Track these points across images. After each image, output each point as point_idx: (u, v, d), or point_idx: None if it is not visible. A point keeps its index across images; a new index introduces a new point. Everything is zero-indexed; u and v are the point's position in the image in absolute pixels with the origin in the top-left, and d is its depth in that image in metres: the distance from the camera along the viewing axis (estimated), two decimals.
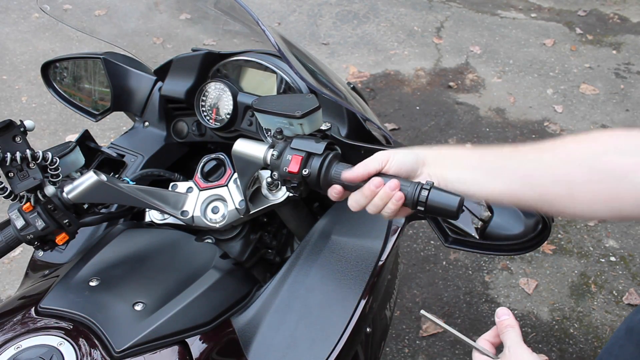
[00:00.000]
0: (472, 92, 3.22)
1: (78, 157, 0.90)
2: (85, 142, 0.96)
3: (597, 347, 1.93)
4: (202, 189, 0.98)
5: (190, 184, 0.99)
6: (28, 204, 0.79)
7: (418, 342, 1.96)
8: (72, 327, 0.73)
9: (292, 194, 0.93)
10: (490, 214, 0.94)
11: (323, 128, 0.88)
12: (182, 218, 0.96)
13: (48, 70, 1.31)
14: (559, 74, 3.34)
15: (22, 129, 0.77)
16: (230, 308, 0.86)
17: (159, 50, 1.35)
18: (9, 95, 3.23)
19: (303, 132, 0.81)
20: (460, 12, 4.00)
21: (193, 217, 0.96)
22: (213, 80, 1.13)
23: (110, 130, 2.93)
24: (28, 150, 0.76)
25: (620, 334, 1.16)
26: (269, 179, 0.96)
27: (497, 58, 3.50)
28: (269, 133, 1.08)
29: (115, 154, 1.07)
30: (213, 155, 1.01)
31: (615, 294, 2.11)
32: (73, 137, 2.70)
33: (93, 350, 0.71)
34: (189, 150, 1.26)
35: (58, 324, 0.74)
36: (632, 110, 3.05)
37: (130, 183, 0.99)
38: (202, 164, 1.00)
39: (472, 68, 3.42)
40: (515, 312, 2.05)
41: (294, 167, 0.76)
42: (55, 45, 3.66)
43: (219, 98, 1.13)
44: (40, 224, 0.79)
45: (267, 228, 1.15)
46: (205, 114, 1.15)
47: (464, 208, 0.90)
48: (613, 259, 2.24)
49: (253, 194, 0.96)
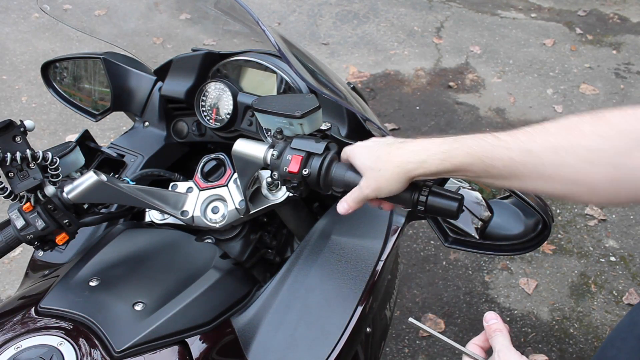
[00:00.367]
0: (472, 92, 3.22)
1: (78, 157, 0.90)
2: (85, 142, 0.96)
3: (597, 347, 1.93)
4: (202, 189, 0.98)
5: (190, 184, 0.99)
6: (28, 204, 0.79)
7: (418, 342, 1.96)
8: (72, 327, 0.73)
9: (292, 194, 0.93)
10: (490, 214, 0.94)
11: (323, 128, 0.88)
12: (182, 218, 0.96)
13: (48, 70, 1.31)
14: (559, 74, 3.34)
15: (22, 129, 0.77)
16: (230, 308, 0.86)
17: (159, 50, 1.35)
18: (9, 95, 3.23)
19: (303, 132, 0.81)
20: (460, 12, 4.00)
21: (193, 217, 0.96)
22: (213, 80, 1.13)
23: (110, 130, 2.93)
24: (28, 150, 0.76)
25: (623, 327, 1.14)
26: (269, 179, 0.96)
27: (497, 58, 3.50)
28: (269, 133, 1.08)
29: (115, 154, 1.07)
30: (213, 155, 1.01)
31: (615, 294, 2.11)
32: (73, 137, 2.70)
33: (93, 350, 0.71)
34: (189, 150, 1.26)
35: (58, 324, 0.74)
36: None
37: (130, 183, 0.99)
38: (202, 164, 1.00)
39: (472, 68, 3.42)
40: (515, 312, 2.05)
41: (294, 167, 0.76)
42: (55, 45, 3.66)
43: (219, 98, 1.13)
44: (40, 224, 0.79)
45: (267, 228, 1.14)
46: (205, 114, 1.15)
47: (464, 208, 0.90)
48: (613, 259, 2.24)
49: (253, 194, 0.96)
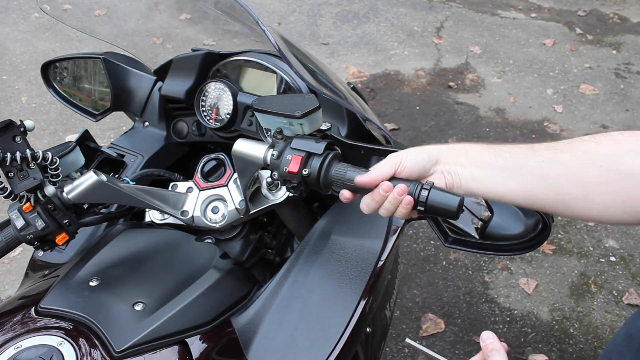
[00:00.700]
0: (472, 92, 3.22)
1: (78, 157, 0.90)
2: (85, 142, 0.96)
3: (597, 347, 1.93)
4: (202, 189, 0.98)
5: (190, 184, 0.99)
6: (28, 204, 0.79)
7: (418, 342, 1.96)
8: (72, 327, 0.73)
9: (292, 194, 0.93)
10: (490, 214, 0.94)
11: (323, 128, 0.88)
12: (182, 218, 0.96)
13: (48, 70, 1.31)
14: (559, 74, 3.34)
15: (22, 129, 0.77)
16: (230, 308, 0.86)
17: (159, 50, 1.35)
18: (9, 95, 3.23)
19: (303, 132, 0.81)
20: (460, 12, 4.00)
21: (193, 217, 0.96)
22: (213, 80, 1.13)
23: (110, 130, 2.94)
24: (28, 150, 0.76)
25: (619, 340, 1.13)
26: (269, 179, 0.96)
27: (497, 58, 3.50)
28: (269, 133, 1.08)
29: (115, 154, 1.07)
30: (213, 155, 1.01)
31: (615, 294, 2.11)
32: (73, 137, 2.70)
33: (93, 350, 0.71)
34: (189, 150, 1.26)
35: (58, 324, 0.74)
36: (632, 110, 3.05)
37: (130, 183, 0.99)
38: (202, 164, 1.00)
39: (472, 68, 3.42)
40: (515, 312, 2.05)
41: (294, 167, 0.76)
42: (55, 45, 3.66)
43: (219, 98, 1.13)
44: (40, 224, 0.79)
45: (267, 228, 1.14)
46: (205, 114, 1.15)
47: (464, 208, 0.90)
48: (613, 259, 2.24)
49: (253, 194, 0.96)
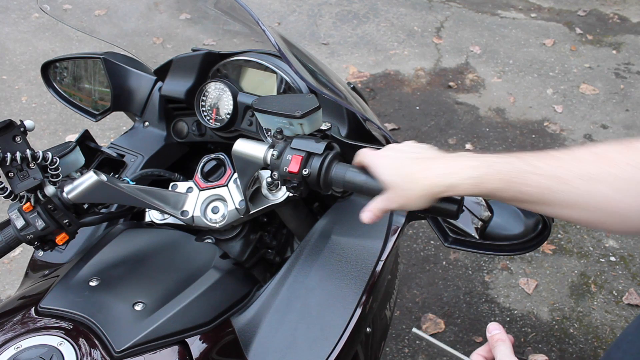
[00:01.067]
0: (472, 92, 3.22)
1: (78, 157, 0.90)
2: (85, 142, 0.96)
3: (597, 347, 1.93)
4: (202, 189, 0.98)
5: (190, 184, 0.99)
6: (28, 204, 0.78)
7: (418, 342, 1.96)
8: (72, 327, 0.73)
9: (292, 194, 0.93)
10: (490, 214, 0.94)
11: (323, 128, 0.88)
12: (182, 218, 0.96)
13: (48, 70, 1.31)
14: (559, 74, 3.34)
15: (22, 129, 0.77)
16: (230, 308, 0.86)
17: (159, 50, 1.35)
18: (9, 95, 3.23)
19: (303, 132, 0.81)
20: (460, 12, 4.00)
21: (193, 217, 0.96)
22: (213, 80, 1.13)
23: (110, 130, 2.94)
24: (28, 150, 0.76)
25: (631, 330, 1.15)
26: (269, 179, 0.96)
27: (497, 58, 3.50)
28: (269, 133, 1.08)
29: (115, 154, 1.07)
30: (213, 155, 1.00)
31: (615, 294, 2.11)
32: (73, 137, 2.70)
33: (93, 350, 0.71)
34: (189, 150, 1.26)
35: (58, 324, 0.74)
36: (632, 110, 3.05)
37: (130, 183, 0.99)
38: (202, 164, 1.00)
39: (472, 68, 3.42)
40: (515, 312, 2.05)
41: (294, 167, 0.76)
42: (55, 45, 3.66)
43: (219, 98, 1.13)
44: (40, 224, 0.79)
45: (267, 228, 1.14)
46: (205, 114, 1.15)
47: (464, 208, 0.90)
48: (613, 259, 2.24)
49: (253, 194, 0.96)
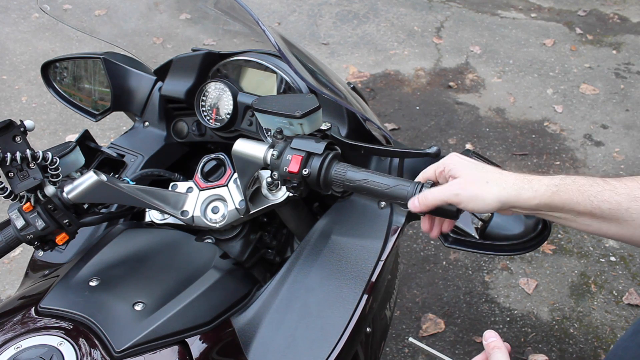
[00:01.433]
0: (472, 92, 3.22)
1: (78, 157, 0.90)
2: (85, 142, 0.96)
3: (597, 347, 1.93)
4: (202, 189, 0.98)
5: (190, 184, 0.99)
6: (28, 204, 0.79)
7: (421, 341, 1.95)
8: (72, 327, 0.73)
9: (292, 194, 0.93)
10: (490, 214, 0.94)
11: (323, 128, 0.88)
12: (182, 218, 0.96)
13: (48, 70, 1.31)
14: (559, 74, 3.34)
15: (22, 129, 0.77)
16: (230, 308, 0.86)
17: (159, 50, 1.35)
18: (9, 95, 3.23)
19: (303, 132, 0.81)
20: (460, 12, 4.00)
21: (193, 217, 0.96)
22: (213, 80, 1.13)
23: (110, 130, 2.94)
24: (28, 150, 0.76)
25: (626, 336, 1.16)
26: (269, 179, 0.96)
27: (497, 58, 3.50)
28: (269, 133, 1.08)
29: (115, 154, 1.07)
30: (213, 155, 1.01)
31: (615, 294, 2.11)
32: (73, 137, 2.70)
33: (93, 350, 0.71)
34: (189, 150, 1.26)
35: (58, 324, 0.74)
36: (632, 110, 3.05)
37: (130, 183, 0.99)
38: (202, 164, 1.00)
39: (472, 68, 3.42)
40: (515, 312, 2.05)
41: (294, 167, 0.76)
42: (55, 45, 3.66)
43: (219, 98, 1.13)
44: (40, 224, 0.79)
45: (267, 228, 1.14)
46: (205, 114, 1.15)
47: None
48: (613, 259, 2.24)
49: (253, 194, 0.96)
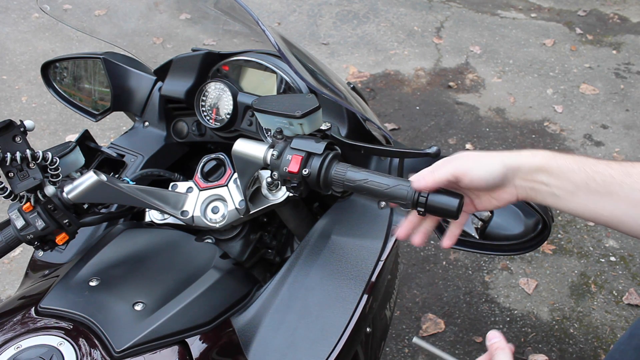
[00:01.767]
0: (472, 92, 3.22)
1: (78, 157, 0.90)
2: (85, 142, 0.96)
3: (597, 347, 1.93)
4: (202, 189, 0.98)
5: (190, 184, 0.99)
6: (28, 204, 0.79)
7: (417, 346, 1.95)
8: (72, 327, 0.73)
9: (292, 194, 0.93)
10: (490, 214, 0.94)
11: (323, 128, 0.88)
12: (182, 218, 0.96)
13: (48, 70, 1.31)
14: (559, 74, 3.34)
15: (22, 129, 0.77)
16: (230, 308, 0.86)
17: (159, 50, 1.35)
18: (9, 95, 3.23)
19: (303, 132, 0.81)
20: (460, 12, 4.00)
21: (193, 217, 0.96)
22: (213, 80, 1.13)
23: (110, 130, 2.94)
24: (28, 150, 0.76)
25: (623, 340, 1.17)
26: (269, 179, 0.96)
27: (497, 58, 3.50)
28: (269, 133, 1.08)
29: (115, 154, 1.07)
30: (213, 155, 1.01)
31: (615, 294, 2.11)
32: (73, 137, 2.70)
33: (93, 350, 0.71)
34: (189, 150, 1.26)
35: (58, 324, 0.74)
36: (632, 110, 3.05)
37: (130, 183, 0.99)
38: (202, 164, 1.00)
39: (472, 68, 3.42)
40: (515, 312, 2.05)
41: (294, 167, 0.76)
42: (55, 45, 3.66)
43: (219, 98, 1.13)
44: (40, 224, 0.79)
45: (267, 228, 1.14)
46: (205, 114, 1.15)
47: None
48: (613, 259, 2.24)
49: (253, 194, 0.96)
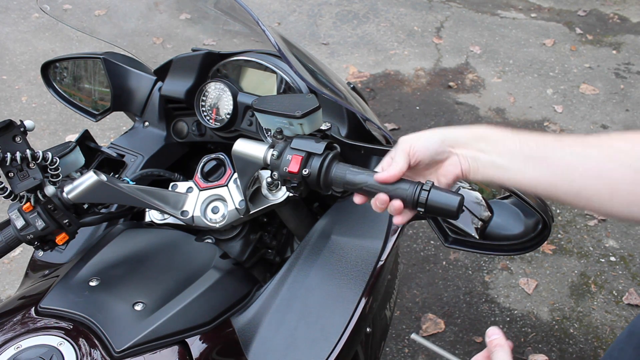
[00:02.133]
0: (472, 92, 3.22)
1: (78, 157, 0.90)
2: (85, 142, 0.96)
3: (597, 347, 1.93)
4: (202, 189, 0.98)
5: (190, 184, 0.99)
6: (28, 204, 0.79)
7: (417, 342, 1.95)
8: (72, 327, 0.73)
9: (292, 194, 0.93)
10: (490, 214, 0.94)
11: (323, 128, 0.88)
12: (182, 218, 0.96)
13: (48, 70, 1.31)
14: (559, 74, 3.34)
15: (22, 129, 0.77)
16: (230, 308, 0.86)
17: (159, 50, 1.35)
18: (9, 95, 3.23)
19: (303, 132, 0.81)
20: (460, 12, 4.00)
21: (193, 217, 0.96)
22: (213, 80, 1.13)
23: (110, 130, 2.94)
24: (28, 150, 0.76)
25: (622, 338, 1.17)
26: (269, 179, 0.96)
27: (497, 58, 3.50)
28: (269, 133, 1.08)
29: (115, 154, 1.07)
30: (213, 155, 1.01)
31: (615, 294, 2.11)
32: (73, 137, 2.70)
33: (93, 350, 0.71)
34: (189, 150, 1.26)
35: (58, 324, 0.74)
36: (632, 110, 3.05)
37: (130, 183, 0.99)
38: (202, 164, 1.00)
39: (472, 68, 3.42)
40: (515, 312, 2.05)
41: (294, 167, 0.76)
42: (55, 45, 3.66)
43: (219, 98, 1.13)
44: (40, 224, 0.79)
45: (267, 228, 1.15)
46: (205, 114, 1.15)
47: (464, 208, 0.90)
48: (613, 259, 2.24)
49: (253, 194, 0.96)
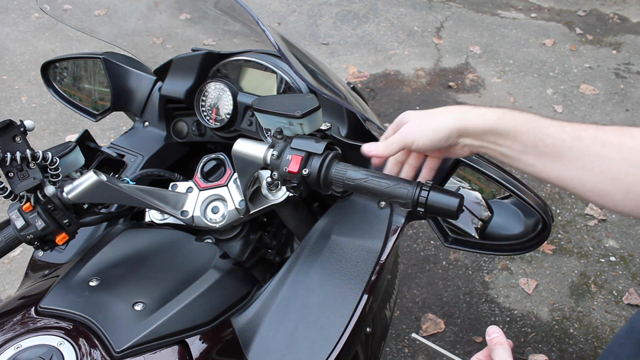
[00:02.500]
0: (472, 92, 3.22)
1: (78, 157, 0.90)
2: (85, 142, 0.96)
3: (597, 347, 1.93)
4: (202, 189, 0.98)
5: (190, 184, 0.99)
6: (28, 204, 0.79)
7: (418, 342, 1.96)
8: (72, 327, 0.73)
9: (292, 194, 0.93)
10: (490, 214, 0.94)
11: (323, 128, 0.88)
12: (182, 218, 0.96)
13: (48, 70, 1.31)
14: (559, 74, 3.34)
15: (22, 129, 0.77)
16: (230, 308, 0.86)
17: (159, 50, 1.35)
18: (9, 95, 3.23)
19: (303, 132, 0.81)
20: (460, 12, 4.00)
21: (193, 217, 0.96)
22: (213, 80, 1.13)
23: (110, 130, 2.94)
24: (28, 150, 0.76)
25: (622, 333, 1.17)
26: (269, 179, 0.96)
27: (497, 58, 3.50)
28: (269, 133, 1.08)
29: (115, 154, 1.07)
30: (213, 155, 1.01)
31: (615, 294, 2.11)
32: (73, 137, 2.70)
33: (93, 350, 0.71)
34: (189, 150, 1.26)
35: (58, 324, 0.74)
36: (632, 110, 3.05)
37: (130, 183, 0.99)
38: (202, 164, 1.00)
39: (472, 68, 3.42)
40: (515, 312, 2.05)
41: (294, 167, 0.76)
42: (55, 45, 3.66)
43: (219, 98, 1.13)
44: (40, 224, 0.79)
45: (267, 228, 1.14)
46: (205, 114, 1.15)
47: (464, 208, 0.90)
48: (613, 259, 2.24)
49: (253, 194, 0.96)
